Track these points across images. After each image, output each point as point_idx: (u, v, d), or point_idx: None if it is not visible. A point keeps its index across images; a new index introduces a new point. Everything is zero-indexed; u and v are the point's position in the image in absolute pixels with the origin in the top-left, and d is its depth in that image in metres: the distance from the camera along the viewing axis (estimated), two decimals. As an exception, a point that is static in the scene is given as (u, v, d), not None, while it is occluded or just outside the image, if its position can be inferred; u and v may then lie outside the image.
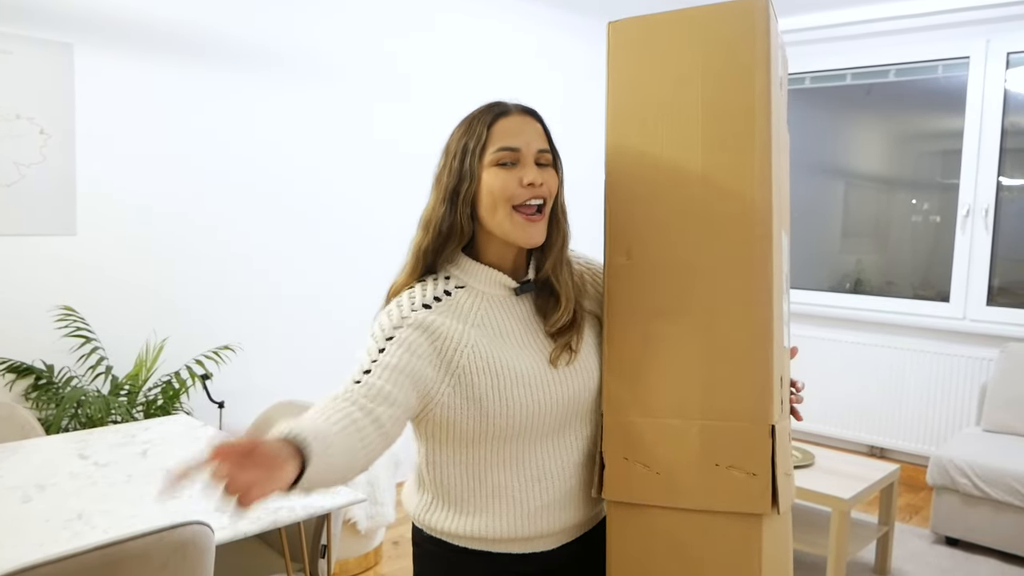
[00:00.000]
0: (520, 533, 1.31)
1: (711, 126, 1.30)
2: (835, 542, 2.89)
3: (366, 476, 3.14)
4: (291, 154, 3.70)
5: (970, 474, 3.44)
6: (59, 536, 1.69)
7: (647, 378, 1.32)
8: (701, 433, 1.29)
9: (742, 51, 1.28)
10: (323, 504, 1.93)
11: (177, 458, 2.22)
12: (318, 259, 3.84)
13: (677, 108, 1.32)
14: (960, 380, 4.35)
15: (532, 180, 1.26)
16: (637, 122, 1.35)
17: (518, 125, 1.30)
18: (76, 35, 3.01)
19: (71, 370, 3.01)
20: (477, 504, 1.30)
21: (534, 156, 1.29)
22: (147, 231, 3.25)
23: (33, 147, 2.92)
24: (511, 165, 1.27)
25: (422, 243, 1.31)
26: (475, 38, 4.39)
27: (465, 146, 1.28)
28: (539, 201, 1.28)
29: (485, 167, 1.28)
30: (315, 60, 3.73)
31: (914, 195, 4.90)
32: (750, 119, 1.27)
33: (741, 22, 1.28)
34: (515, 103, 1.34)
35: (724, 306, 1.29)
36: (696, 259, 1.30)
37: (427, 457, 1.33)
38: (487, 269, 1.33)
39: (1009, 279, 4.39)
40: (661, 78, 1.34)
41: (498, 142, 1.28)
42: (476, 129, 1.29)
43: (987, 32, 4.29)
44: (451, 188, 1.28)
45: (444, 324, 1.25)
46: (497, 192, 1.26)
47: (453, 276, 1.33)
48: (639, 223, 1.34)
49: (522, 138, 1.28)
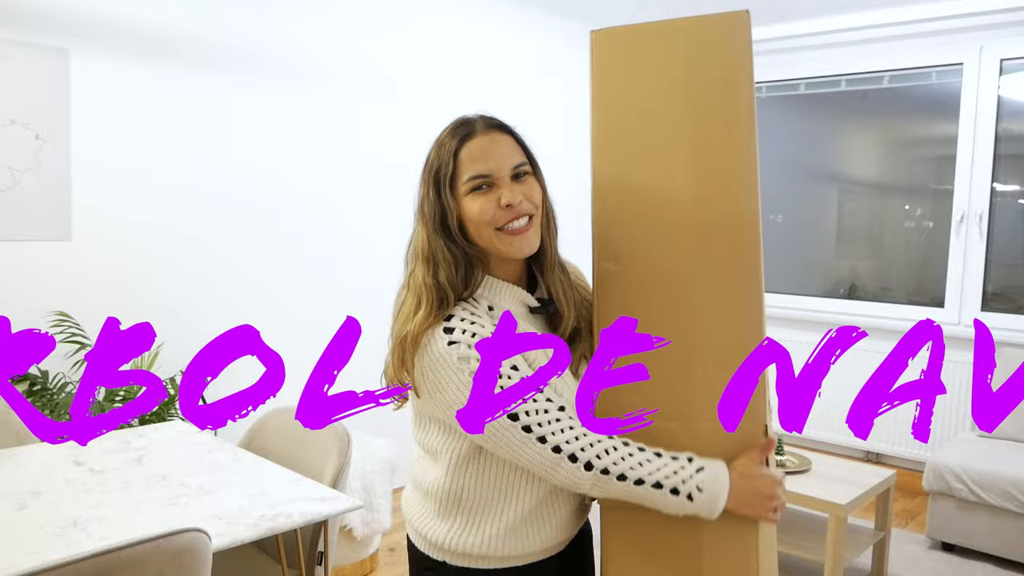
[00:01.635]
0: (548, 543, 1.33)
1: (697, 136, 1.31)
2: (831, 548, 2.89)
3: (361, 483, 3.14)
4: (286, 159, 3.69)
5: (966, 479, 3.44)
6: (54, 544, 1.68)
7: (638, 383, 1.32)
8: (695, 436, 1.30)
9: (727, 62, 1.30)
10: (320, 511, 1.92)
11: (172, 464, 2.21)
12: (315, 265, 3.83)
13: (663, 118, 1.33)
14: (955, 386, 4.36)
15: (510, 201, 1.23)
16: (623, 132, 1.37)
17: (485, 146, 1.25)
18: (72, 40, 3.00)
19: (66, 376, 2.99)
20: (505, 520, 1.29)
21: (509, 173, 1.25)
22: (142, 237, 3.24)
23: (28, 152, 2.91)
24: (487, 188, 1.24)
25: (438, 275, 1.24)
26: (460, 42, 4.40)
27: (436, 177, 1.25)
28: (522, 221, 1.25)
29: (460, 195, 1.25)
30: (314, 65, 3.73)
31: (908, 201, 4.91)
32: (736, 128, 1.29)
33: (726, 34, 1.30)
34: (482, 118, 1.29)
35: (715, 312, 1.29)
36: (685, 266, 1.31)
37: (452, 473, 1.31)
38: (509, 286, 1.32)
39: (1003, 285, 4.41)
40: (646, 88, 1.35)
41: (468, 170, 1.24)
42: (444, 157, 1.25)
43: (980, 39, 4.32)
44: (438, 220, 1.26)
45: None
46: (477, 219, 1.24)
47: (483, 297, 1.29)
48: (627, 230, 1.35)
49: (492, 161, 1.24)
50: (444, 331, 1.21)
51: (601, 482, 1.21)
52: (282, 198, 3.70)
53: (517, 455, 1.21)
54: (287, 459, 2.38)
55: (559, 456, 1.19)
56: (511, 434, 1.19)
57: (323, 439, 2.34)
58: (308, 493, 2.02)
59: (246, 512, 1.88)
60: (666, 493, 1.20)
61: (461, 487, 1.29)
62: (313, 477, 2.20)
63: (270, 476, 2.14)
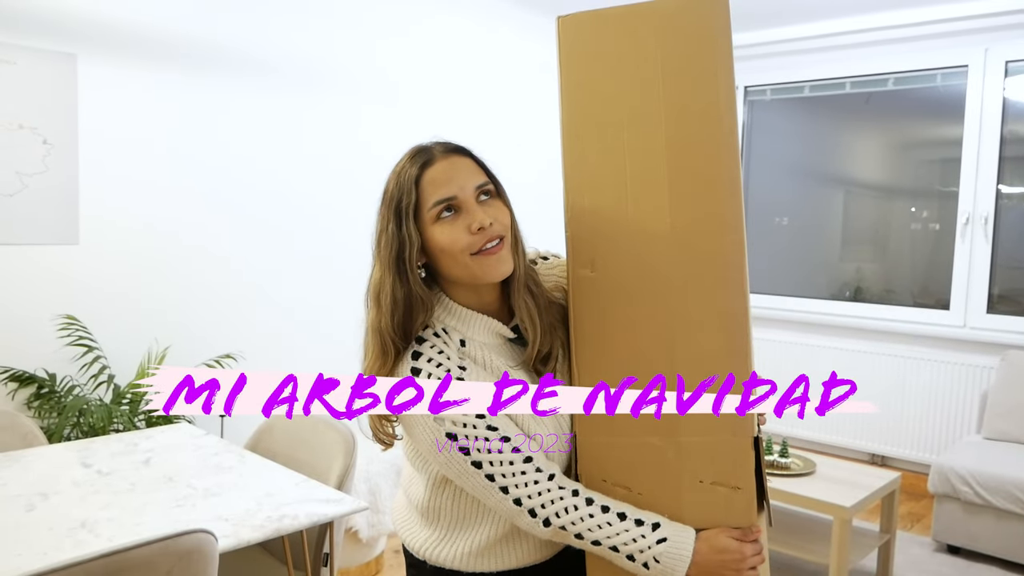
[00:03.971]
0: (523, 562, 1.33)
1: (675, 130, 1.22)
2: (836, 550, 2.89)
3: (367, 485, 3.15)
4: (292, 163, 3.71)
5: (971, 482, 3.43)
6: (63, 544, 1.69)
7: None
8: (680, 450, 1.24)
9: (704, 49, 1.20)
10: (325, 512, 1.93)
11: (179, 466, 2.22)
12: (321, 270, 3.84)
13: (638, 112, 1.23)
14: (961, 388, 4.35)
15: (481, 224, 1.19)
16: (595, 127, 1.26)
17: (446, 171, 1.21)
18: (80, 45, 3.02)
19: (73, 379, 3.01)
20: (479, 539, 1.31)
21: (474, 196, 1.21)
22: (149, 240, 3.26)
23: (36, 157, 2.93)
24: (454, 214, 1.20)
25: (379, 321, 1.22)
26: (463, 45, 4.41)
27: (398, 208, 1.20)
28: (495, 242, 1.21)
29: (426, 225, 1.21)
30: (320, 70, 3.75)
31: (913, 203, 4.91)
32: (716, 121, 1.20)
33: (701, 16, 1.20)
34: (438, 144, 1.25)
35: (698, 317, 1.22)
36: (665, 270, 1.23)
37: (431, 491, 1.33)
38: (481, 317, 1.27)
39: (1009, 287, 4.40)
40: (618, 80, 1.24)
41: (431, 196, 1.19)
42: (405, 186, 1.20)
43: (986, 41, 4.31)
44: (394, 255, 1.21)
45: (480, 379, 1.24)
46: (448, 247, 1.20)
47: (451, 329, 1.26)
48: (603, 234, 1.25)
49: (455, 184, 1.20)
50: (412, 371, 1.21)
51: (560, 536, 1.22)
52: (288, 202, 3.71)
53: (481, 497, 1.23)
54: (293, 461, 2.40)
55: (520, 508, 1.20)
56: (475, 480, 1.20)
57: (329, 441, 2.35)
58: (314, 495, 2.03)
59: (252, 514, 1.89)
60: (622, 557, 1.20)
61: (439, 505, 1.32)
62: (319, 479, 2.21)
63: (276, 478, 2.15)
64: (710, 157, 1.21)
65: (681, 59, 1.21)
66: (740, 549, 1.22)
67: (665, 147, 1.22)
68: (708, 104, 1.21)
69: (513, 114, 4.51)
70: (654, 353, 1.24)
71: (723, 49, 1.20)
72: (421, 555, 1.36)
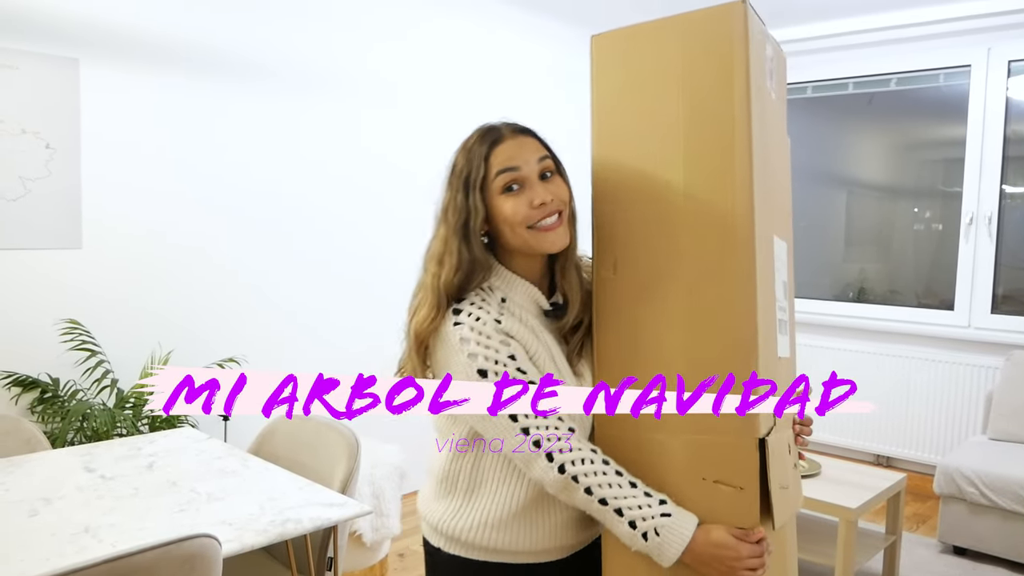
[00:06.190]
0: (538, 546, 1.34)
1: (693, 137, 1.28)
2: (842, 552, 2.88)
3: (371, 488, 3.14)
4: (293, 167, 3.71)
5: (977, 483, 3.42)
6: (66, 550, 1.69)
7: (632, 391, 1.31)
8: (686, 447, 1.27)
9: (721, 58, 1.26)
10: (329, 516, 1.93)
11: (182, 471, 2.22)
12: (324, 273, 3.84)
13: (660, 121, 1.31)
14: (965, 388, 4.34)
15: (542, 200, 1.30)
16: (622, 137, 1.36)
17: (514, 148, 1.32)
18: (82, 50, 3.02)
19: (76, 383, 3.01)
20: (495, 509, 1.34)
21: (537, 171, 1.32)
22: (152, 244, 3.26)
23: (39, 162, 2.94)
24: (518, 188, 1.30)
25: (440, 278, 1.31)
26: (464, 47, 4.41)
27: (467, 180, 1.31)
28: (553, 218, 1.31)
29: (492, 195, 1.31)
30: (320, 73, 3.75)
31: (917, 204, 4.90)
32: (730, 127, 1.25)
33: (719, 28, 1.26)
34: (507, 124, 1.36)
35: (707, 316, 1.27)
36: (679, 270, 1.29)
37: (451, 457, 1.37)
38: (526, 284, 1.36)
39: (1013, 287, 4.39)
40: (644, 91, 1.33)
41: (497, 167, 1.30)
42: (475, 161, 1.31)
43: (988, 40, 4.31)
44: (460, 223, 1.31)
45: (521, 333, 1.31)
46: (510, 218, 1.30)
47: (495, 288, 1.35)
48: (624, 237, 1.34)
49: (520, 159, 1.31)
50: (453, 312, 1.29)
51: (569, 488, 1.23)
52: (289, 206, 3.71)
53: (502, 435, 1.26)
54: (296, 465, 2.39)
55: (538, 451, 1.23)
56: (499, 418, 1.25)
57: (332, 445, 2.34)
58: (317, 499, 2.02)
59: (256, 518, 1.89)
60: (623, 522, 1.22)
61: (458, 469, 1.36)
62: (322, 483, 2.21)
63: (279, 482, 2.14)
64: (724, 160, 1.26)
65: (700, 68, 1.28)
66: (737, 547, 1.22)
67: (684, 153, 1.29)
68: (723, 109, 1.26)
69: (513, 115, 4.49)
70: (670, 352, 1.30)
71: (740, 56, 1.25)
72: (439, 531, 1.38)
